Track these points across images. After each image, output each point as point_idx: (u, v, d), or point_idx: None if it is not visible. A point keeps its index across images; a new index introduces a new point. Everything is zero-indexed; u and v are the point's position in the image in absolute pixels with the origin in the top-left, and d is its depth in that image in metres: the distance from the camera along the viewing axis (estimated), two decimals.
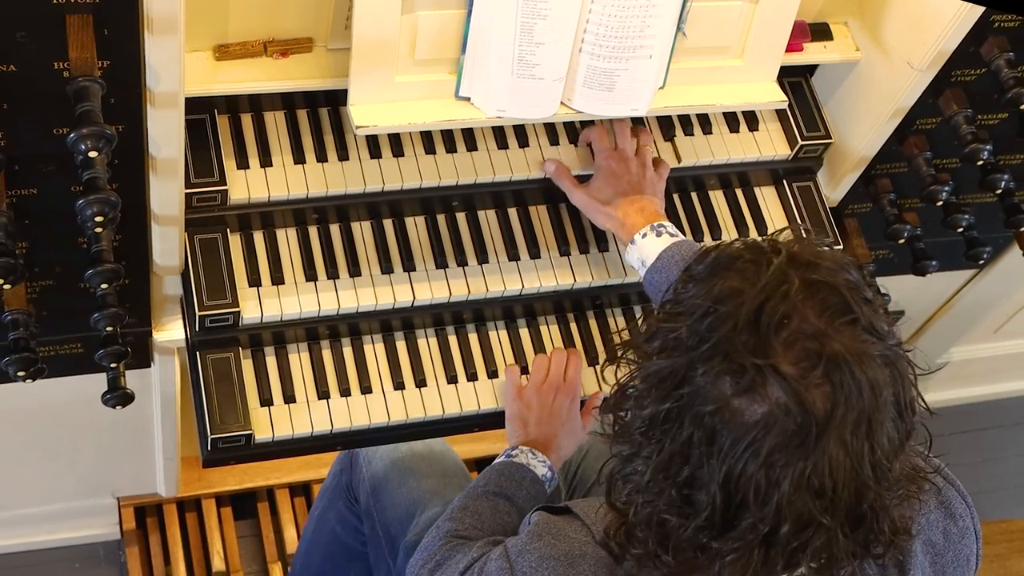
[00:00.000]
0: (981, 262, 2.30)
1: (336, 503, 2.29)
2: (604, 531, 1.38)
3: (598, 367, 2.05)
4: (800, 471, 1.18)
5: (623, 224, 1.91)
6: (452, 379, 2.01)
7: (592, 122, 2.04)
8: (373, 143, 1.96)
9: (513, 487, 1.78)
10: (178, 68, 1.52)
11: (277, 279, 1.92)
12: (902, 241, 2.25)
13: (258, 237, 1.94)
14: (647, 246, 1.86)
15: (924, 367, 1.36)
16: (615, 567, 1.38)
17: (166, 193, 1.73)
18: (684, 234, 2.06)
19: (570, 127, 2.05)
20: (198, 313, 1.85)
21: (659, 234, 1.86)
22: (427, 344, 2.03)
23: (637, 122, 2.06)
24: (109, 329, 1.76)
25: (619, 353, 1.39)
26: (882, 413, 1.21)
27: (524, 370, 2.03)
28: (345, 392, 1.96)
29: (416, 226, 2.01)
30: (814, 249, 1.28)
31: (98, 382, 1.91)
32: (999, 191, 2.13)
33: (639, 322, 1.39)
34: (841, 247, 2.14)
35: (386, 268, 1.97)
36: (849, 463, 1.19)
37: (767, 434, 1.18)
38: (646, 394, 1.28)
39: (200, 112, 1.87)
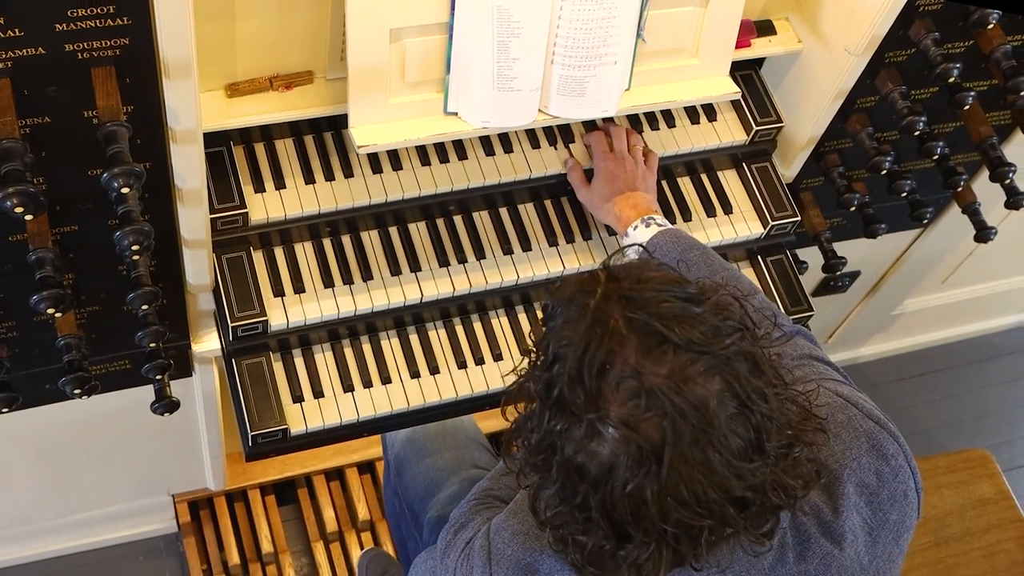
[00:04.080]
0: (925, 221, 2.30)
1: (388, 479, 2.30)
2: (550, 538, 1.36)
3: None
4: (656, 491, 1.17)
5: (619, 219, 1.93)
6: (462, 364, 2.01)
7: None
8: (374, 160, 1.96)
9: None
10: (195, 107, 1.53)
11: (299, 288, 1.92)
12: (853, 209, 2.25)
13: (278, 252, 1.94)
14: (638, 237, 1.88)
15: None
16: None
17: (193, 219, 1.73)
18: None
19: (548, 131, 2.05)
20: (230, 324, 1.85)
21: (648, 225, 1.88)
22: (437, 335, 2.03)
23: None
24: (152, 345, 1.77)
25: (510, 392, 1.38)
26: (716, 422, 1.18)
27: (525, 352, 2.03)
28: (367, 384, 1.96)
29: (419, 231, 2.01)
30: (640, 274, 1.25)
31: (146, 393, 1.91)
32: (936, 157, 2.14)
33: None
34: (798, 219, 2.14)
35: (395, 271, 1.97)
36: (699, 473, 1.18)
37: (617, 468, 1.18)
38: (524, 440, 1.29)
39: (217, 145, 1.87)
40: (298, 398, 1.92)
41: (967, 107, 2.02)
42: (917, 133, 2.04)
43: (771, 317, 1.50)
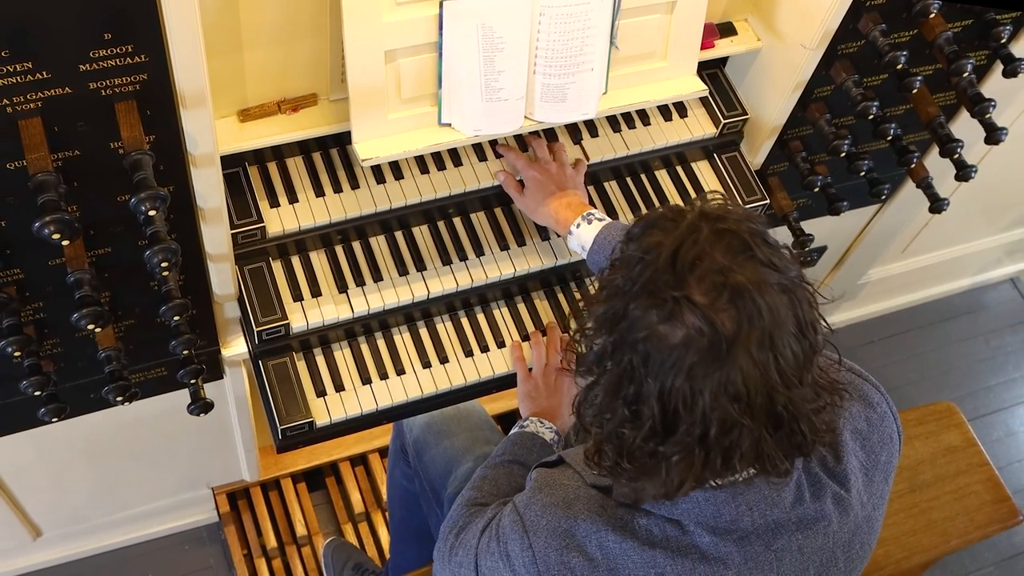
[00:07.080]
0: (883, 197, 2.31)
1: (399, 463, 2.30)
2: (584, 455, 1.38)
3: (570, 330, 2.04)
4: (717, 380, 1.19)
5: (557, 221, 1.90)
6: (468, 353, 2.02)
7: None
8: (377, 171, 1.97)
9: (524, 453, 1.77)
10: (211, 133, 1.53)
11: (315, 292, 1.93)
12: (816, 189, 2.26)
13: (295, 261, 1.95)
14: (582, 234, 1.85)
15: (829, 297, 1.37)
16: (606, 500, 1.39)
17: (215, 236, 1.74)
18: (638, 209, 2.08)
19: (534, 136, 2.06)
20: (255, 329, 1.86)
21: (590, 222, 1.85)
22: (444, 328, 2.04)
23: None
24: (185, 352, 1.77)
25: (580, 309, 1.40)
26: (782, 330, 1.21)
27: (525, 337, 2.04)
28: (383, 376, 1.97)
29: (422, 234, 2.02)
30: (725, 206, 1.30)
31: (182, 396, 1.91)
32: (889, 138, 2.14)
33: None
34: (767, 202, 2.15)
35: (402, 271, 1.98)
36: (757, 372, 1.20)
37: (687, 352, 1.19)
38: (596, 333, 1.30)
39: (234, 166, 1.88)
40: (321, 393, 1.93)
41: (915, 90, 2.03)
42: (871, 117, 2.04)
43: None
